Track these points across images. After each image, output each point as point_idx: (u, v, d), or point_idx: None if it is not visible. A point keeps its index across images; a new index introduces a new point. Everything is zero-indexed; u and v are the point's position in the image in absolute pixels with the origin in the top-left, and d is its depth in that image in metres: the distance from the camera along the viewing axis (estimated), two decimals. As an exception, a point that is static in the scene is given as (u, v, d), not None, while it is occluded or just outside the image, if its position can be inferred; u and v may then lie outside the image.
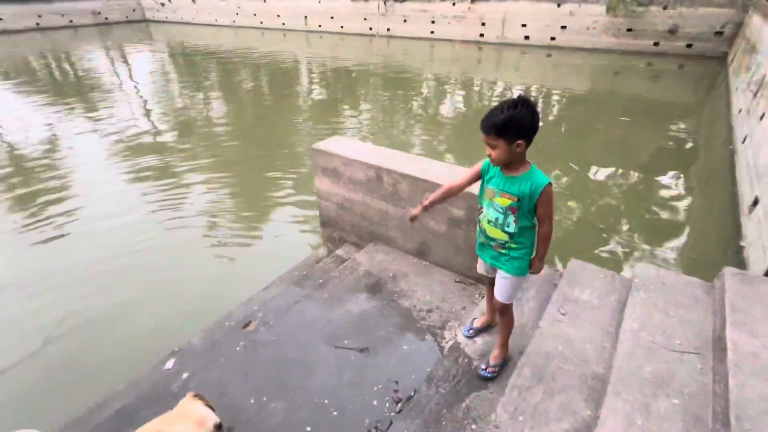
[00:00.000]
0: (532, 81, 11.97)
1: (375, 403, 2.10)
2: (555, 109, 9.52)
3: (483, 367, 2.16)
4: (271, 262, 4.14)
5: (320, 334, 2.54)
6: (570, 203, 5.11)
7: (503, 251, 1.88)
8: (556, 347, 2.07)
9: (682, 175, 5.84)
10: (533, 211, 1.74)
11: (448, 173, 2.83)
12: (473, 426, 1.87)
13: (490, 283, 2.08)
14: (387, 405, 2.09)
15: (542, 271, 1.97)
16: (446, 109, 9.46)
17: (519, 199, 1.72)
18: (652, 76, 12.50)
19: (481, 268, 2.11)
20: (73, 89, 11.71)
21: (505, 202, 1.76)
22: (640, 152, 6.88)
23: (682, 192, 5.42)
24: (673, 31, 13.60)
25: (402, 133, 7.95)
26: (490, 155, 1.70)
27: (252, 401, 2.12)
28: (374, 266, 3.15)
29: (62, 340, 3.26)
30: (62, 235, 4.64)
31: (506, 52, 16.14)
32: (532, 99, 1.70)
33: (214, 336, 2.75)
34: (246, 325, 2.76)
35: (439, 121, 8.68)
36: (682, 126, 8.05)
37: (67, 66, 15.24)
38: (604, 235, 4.42)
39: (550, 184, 1.69)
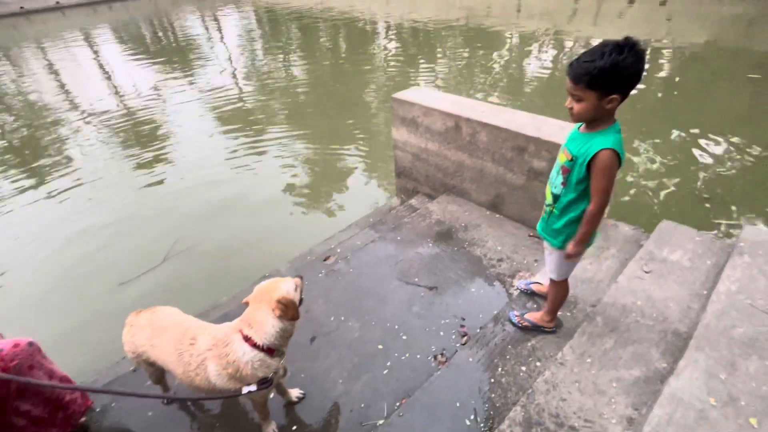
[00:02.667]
0: (636, 35, 10.43)
1: (441, 334, 2.25)
2: (663, 68, 8.31)
3: (517, 313, 2.16)
4: (346, 209, 4.42)
5: (392, 270, 2.73)
6: (670, 167, 4.59)
7: (545, 216, 1.70)
8: (635, 302, 2.01)
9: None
10: (586, 180, 1.46)
11: (532, 123, 2.73)
12: (537, 363, 1.93)
13: None
14: (453, 337, 2.22)
15: (590, 239, 1.59)
16: (530, 70, 8.76)
17: (572, 159, 1.47)
18: (800, 25, 10.18)
19: None
20: (171, 49, 12.93)
21: (562, 158, 1.54)
22: (769, 117, 5.81)
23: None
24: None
25: (479, 96, 7.60)
26: (571, 108, 1.40)
27: (332, 319, 2.40)
28: (446, 216, 3.22)
29: (177, 259, 3.89)
30: (162, 181, 5.37)
31: (609, 2, 14.19)
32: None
33: (298, 265, 3.09)
34: (326, 258, 3.05)
35: (520, 83, 8.10)
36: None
37: (168, 27, 16.76)
38: (708, 205, 3.94)
39: (612, 150, 1.35)
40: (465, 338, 2.20)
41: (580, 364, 1.75)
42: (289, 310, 1.48)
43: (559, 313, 2.15)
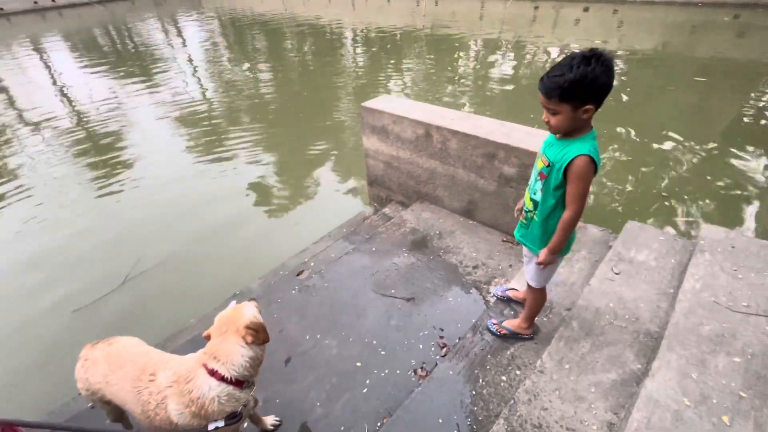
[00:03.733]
0: (592, 41, 11.00)
1: (421, 346, 2.21)
2: (618, 71, 8.73)
3: (494, 321, 2.16)
4: (318, 221, 4.31)
5: (368, 282, 2.67)
6: (629, 169, 4.80)
7: (525, 222, 1.70)
8: (607, 304, 2.04)
9: (763, 150, 5.24)
10: (563, 186, 1.46)
11: (500, 130, 2.76)
12: (517, 371, 1.92)
13: None
14: (432, 349, 2.19)
15: (569, 239, 1.58)
16: (495, 75, 8.99)
17: (550, 165, 1.48)
18: (738, 31, 11.02)
19: None
20: (131, 57, 12.38)
21: (540, 164, 1.55)
22: (715, 119, 6.22)
23: (761, 165, 4.89)
24: (768, -22, 11.82)
25: (447, 101, 7.71)
26: (548, 122, 1.42)
27: (307, 337, 2.31)
28: (420, 224, 3.20)
29: (139, 279, 3.65)
30: (120, 191, 5.08)
31: (566, 9, 14.88)
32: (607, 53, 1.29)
33: (271, 282, 2.97)
34: (299, 273, 2.95)
35: (485, 89, 8.29)
36: (770, 90, 7.13)
37: (125, 34, 16.05)
38: (667, 203, 4.14)
39: (588, 157, 1.36)
40: (444, 350, 2.17)
41: (559, 370, 1.76)
42: (260, 334, 1.43)
43: (535, 318, 2.16)
